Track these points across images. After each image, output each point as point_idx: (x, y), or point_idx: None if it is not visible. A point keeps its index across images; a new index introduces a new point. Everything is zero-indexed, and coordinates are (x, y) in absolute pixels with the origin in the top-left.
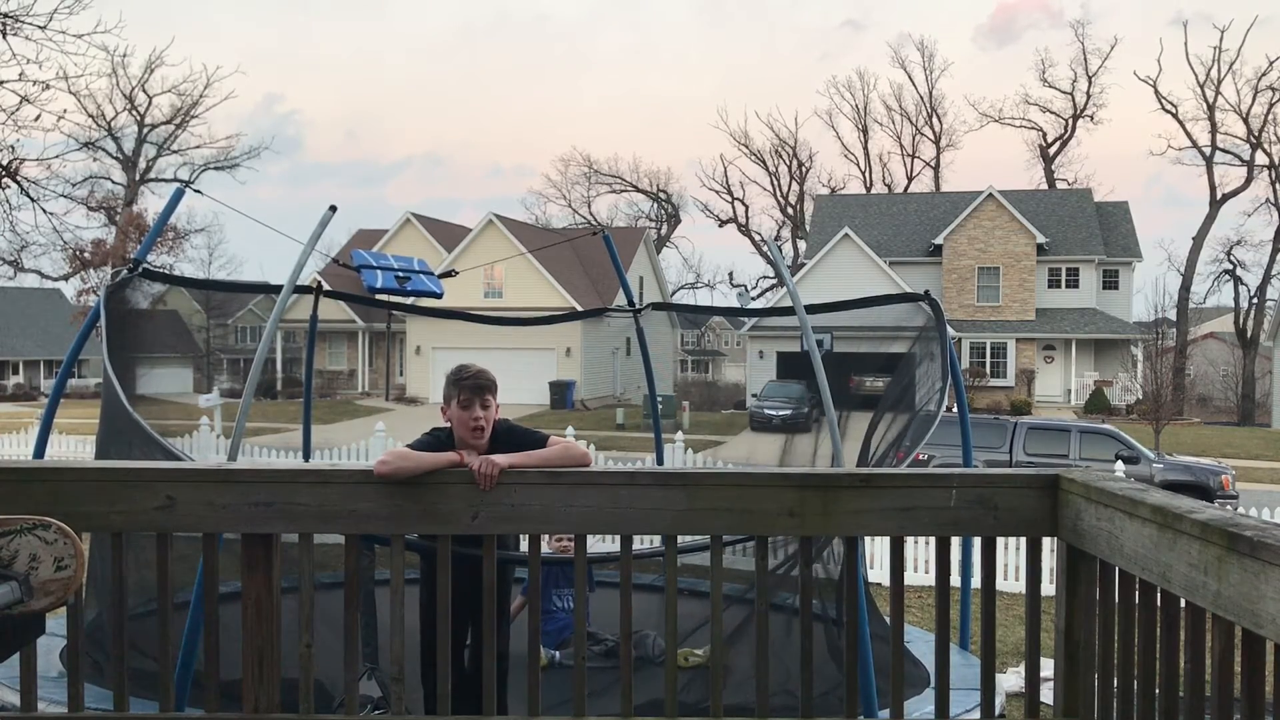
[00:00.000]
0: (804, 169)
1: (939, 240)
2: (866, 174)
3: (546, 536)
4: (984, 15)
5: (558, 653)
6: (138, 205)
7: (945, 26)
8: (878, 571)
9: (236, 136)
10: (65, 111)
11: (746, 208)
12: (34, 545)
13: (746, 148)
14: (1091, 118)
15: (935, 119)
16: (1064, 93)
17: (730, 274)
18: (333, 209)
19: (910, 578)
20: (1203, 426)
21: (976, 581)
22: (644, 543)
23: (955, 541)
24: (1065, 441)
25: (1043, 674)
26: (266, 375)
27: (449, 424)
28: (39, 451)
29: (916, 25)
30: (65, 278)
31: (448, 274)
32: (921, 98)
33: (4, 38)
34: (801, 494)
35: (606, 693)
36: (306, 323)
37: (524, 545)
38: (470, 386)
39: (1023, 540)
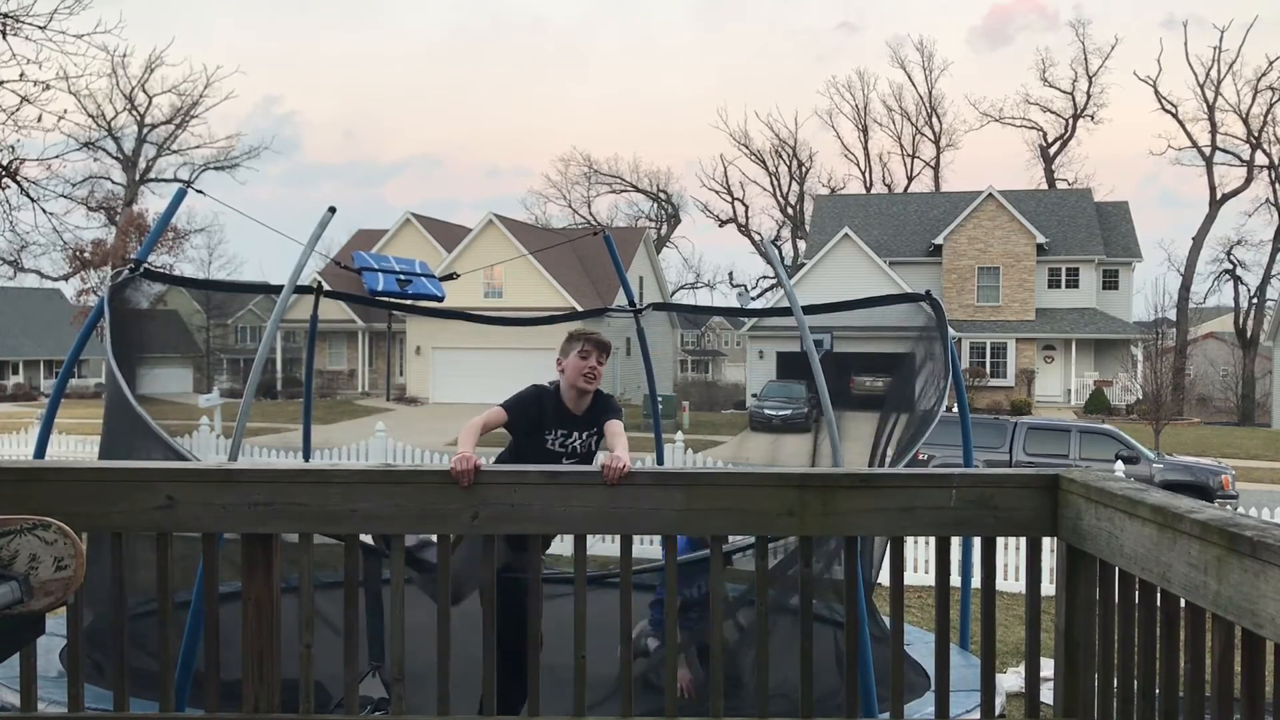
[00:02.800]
0: (804, 169)
1: (939, 240)
2: (866, 174)
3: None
4: (978, 17)
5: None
6: (138, 205)
7: (940, 28)
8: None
9: (236, 137)
10: (65, 111)
11: (746, 208)
12: (34, 545)
13: (746, 148)
14: (1092, 117)
15: (935, 119)
16: (1064, 92)
17: (730, 274)
18: (332, 210)
19: (910, 578)
20: (1203, 426)
21: (976, 581)
22: (644, 543)
23: (955, 541)
24: (1065, 441)
25: (1043, 674)
26: (266, 375)
27: (560, 376)
28: (39, 451)
29: (912, 28)
30: (65, 278)
31: (449, 276)
32: (921, 98)
33: (4, 38)
34: (801, 494)
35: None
36: (306, 323)
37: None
38: (594, 341)
39: (1023, 540)
